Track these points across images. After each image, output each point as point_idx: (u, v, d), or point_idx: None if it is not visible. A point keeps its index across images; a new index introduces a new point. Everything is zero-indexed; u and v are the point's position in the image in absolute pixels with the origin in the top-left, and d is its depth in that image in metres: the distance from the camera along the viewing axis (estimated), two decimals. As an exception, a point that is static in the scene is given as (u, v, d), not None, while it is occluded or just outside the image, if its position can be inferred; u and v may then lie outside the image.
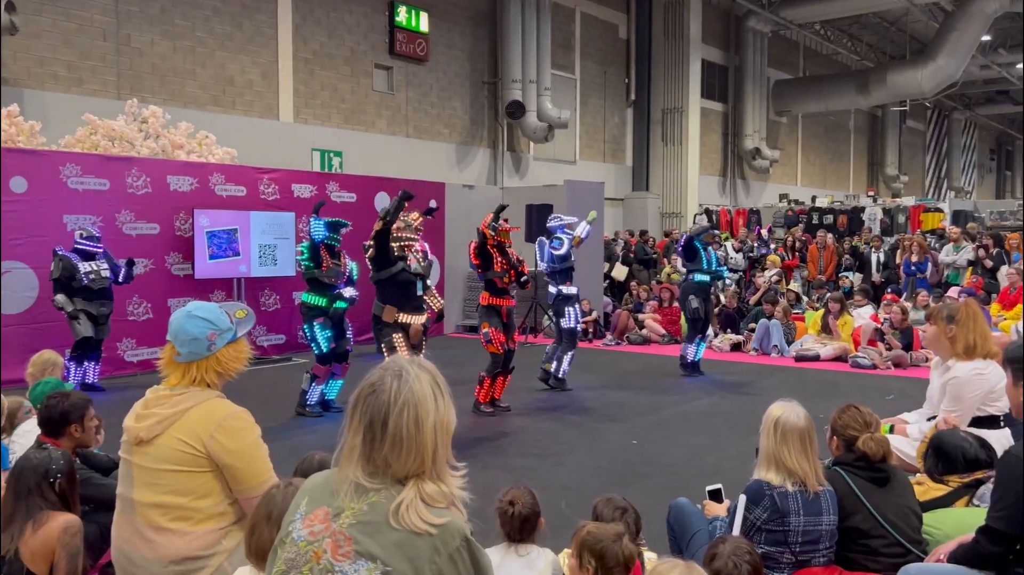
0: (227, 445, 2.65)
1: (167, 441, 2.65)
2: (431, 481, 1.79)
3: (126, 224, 9.65)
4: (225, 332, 2.78)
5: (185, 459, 2.64)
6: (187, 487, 2.64)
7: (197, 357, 2.74)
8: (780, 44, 27.33)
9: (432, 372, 1.87)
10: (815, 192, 25.16)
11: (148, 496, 2.65)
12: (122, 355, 9.62)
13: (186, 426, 2.66)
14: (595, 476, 5.81)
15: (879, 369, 10.21)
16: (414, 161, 16.28)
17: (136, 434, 2.69)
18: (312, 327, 7.47)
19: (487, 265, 7.87)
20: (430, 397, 1.81)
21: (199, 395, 2.72)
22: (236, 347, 2.84)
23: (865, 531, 3.18)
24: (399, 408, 1.77)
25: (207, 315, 2.78)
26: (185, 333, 2.72)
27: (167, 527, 2.62)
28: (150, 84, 12.62)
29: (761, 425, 3.24)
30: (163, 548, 2.61)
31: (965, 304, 4.64)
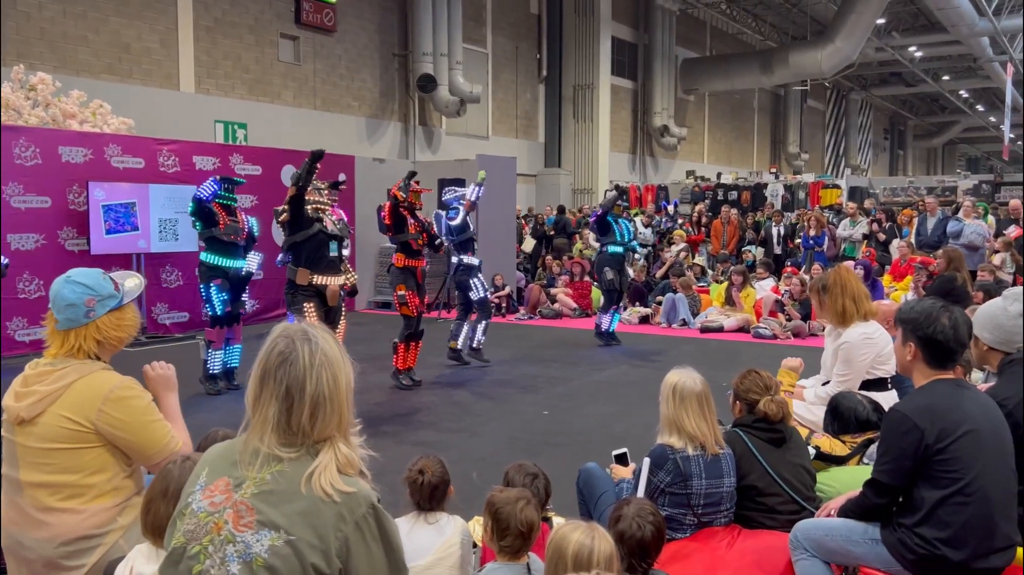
0: (118, 417, 2.54)
1: (50, 419, 2.53)
2: (344, 444, 1.78)
3: (14, 197, 9.15)
4: (107, 299, 2.65)
5: (72, 436, 2.52)
6: (77, 464, 2.53)
7: (74, 324, 2.61)
8: (688, 23, 27.81)
9: (331, 333, 1.88)
10: (720, 169, 25.83)
11: (36, 476, 2.53)
12: (13, 335, 9.16)
13: (70, 401, 2.54)
14: (508, 447, 5.87)
15: (779, 339, 10.60)
16: (322, 134, 15.95)
17: (16, 414, 2.55)
18: (208, 288, 7.28)
19: (400, 227, 7.78)
20: (339, 357, 1.82)
21: (81, 368, 2.60)
22: (119, 314, 2.70)
23: (761, 489, 3.31)
24: (316, 371, 1.77)
25: (86, 280, 2.64)
26: (62, 299, 2.60)
27: (57, 507, 2.51)
28: (38, 50, 11.96)
29: (660, 393, 3.32)
30: (54, 528, 2.50)
31: (834, 272, 4.84)
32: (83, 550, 2.50)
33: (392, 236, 7.90)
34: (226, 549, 1.71)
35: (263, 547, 1.69)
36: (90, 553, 2.50)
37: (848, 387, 4.57)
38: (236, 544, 1.70)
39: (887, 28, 28.01)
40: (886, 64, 33.99)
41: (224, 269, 7.32)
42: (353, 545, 1.73)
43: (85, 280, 2.64)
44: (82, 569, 2.50)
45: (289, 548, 1.68)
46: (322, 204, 6.85)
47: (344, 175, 11.61)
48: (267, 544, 1.69)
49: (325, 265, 6.61)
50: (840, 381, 4.68)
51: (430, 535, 3.06)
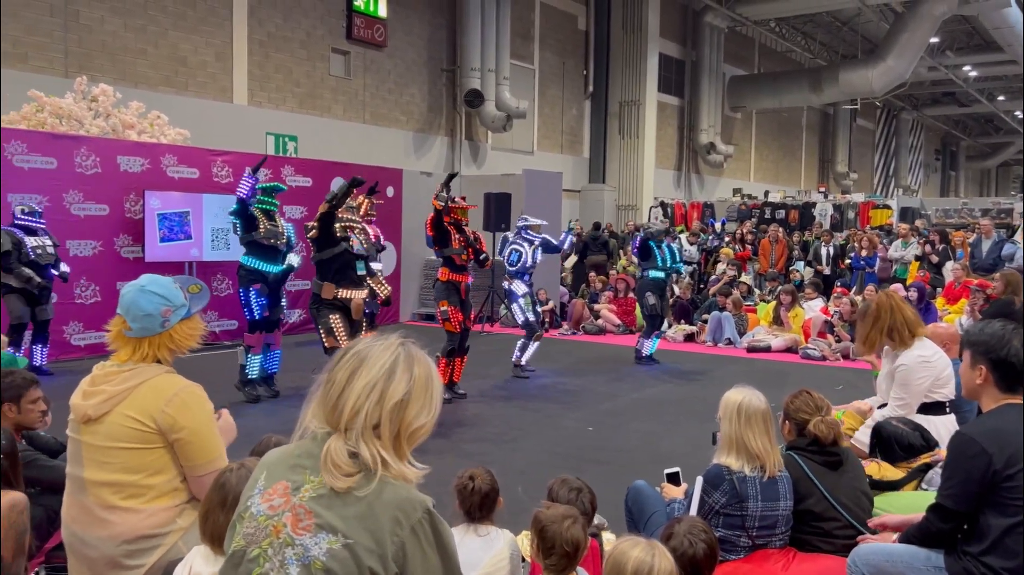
0: (179, 419, 2.58)
1: (117, 418, 2.57)
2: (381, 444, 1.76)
3: (74, 205, 9.39)
4: (179, 308, 2.70)
5: (136, 436, 2.56)
6: (139, 464, 2.57)
7: (149, 333, 2.66)
8: (736, 40, 27.65)
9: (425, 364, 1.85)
10: (768, 187, 25.54)
11: (99, 475, 2.57)
12: (69, 339, 9.37)
13: (136, 402, 2.58)
14: (551, 461, 5.83)
15: (828, 360, 10.41)
16: (370, 147, 16.13)
17: (84, 412, 2.60)
18: (248, 292, 7.37)
19: (444, 241, 7.81)
20: (432, 374, 1.84)
21: (149, 370, 2.65)
22: (190, 323, 2.76)
23: (818, 514, 3.24)
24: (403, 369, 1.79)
25: (161, 290, 2.69)
26: (138, 308, 2.64)
27: (120, 505, 2.55)
28: (99, 62, 12.28)
29: (720, 411, 3.27)
30: (116, 527, 2.53)
31: (880, 297, 4.75)
32: (144, 550, 2.54)
33: (438, 251, 7.95)
34: (285, 552, 1.71)
35: (321, 550, 1.69)
36: (150, 553, 2.53)
37: (905, 411, 4.47)
38: (295, 547, 1.71)
39: (941, 47, 27.54)
40: (939, 83, 33.39)
41: (263, 273, 7.43)
42: (409, 550, 1.72)
43: (160, 290, 2.69)
44: (142, 569, 2.53)
45: (347, 552, 1.68)
46: (352, 223, 6.94)
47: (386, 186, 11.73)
48: (325, 547, 1.69)
49: (350, 280, 6.69)
50: (897, 405, 4.57)
51: (480, 548, 3.05)
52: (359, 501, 1.71)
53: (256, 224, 7.38)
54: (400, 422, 1.79)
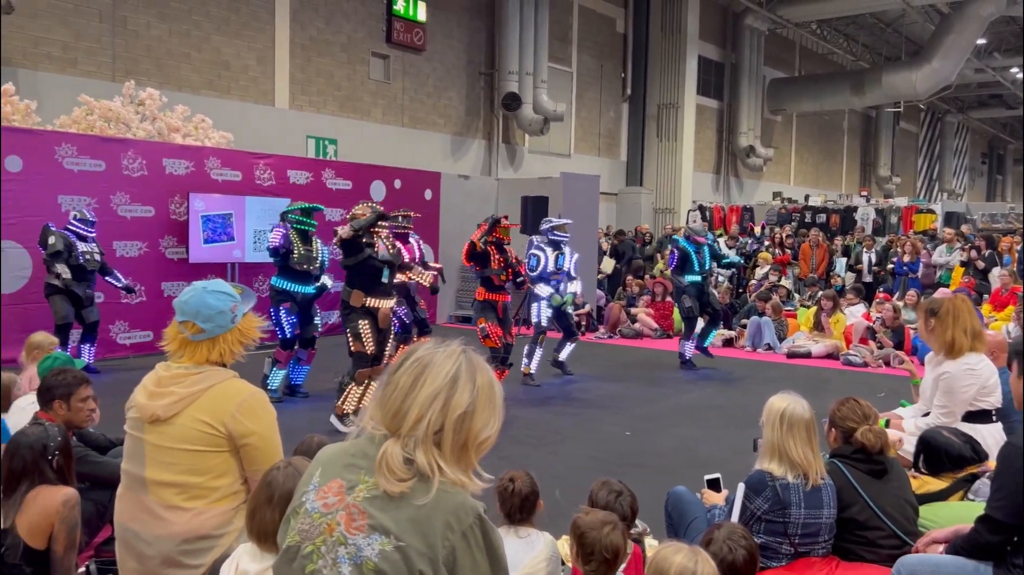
0: (248, 425, 2.64)
1: (186, 421, 2.62)
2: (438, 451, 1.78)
3: (121, 206, 9.59)
4: (241, 304, 2.82)
5: (204, 439, 2.62)
6: (204, 466, 2.62)
7: (224, 330, 2.75)
8: (776, 42, 27.38)
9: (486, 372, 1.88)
10: (808, 191, 25.25)
11: (163, 475, 2.62)
12: (114, 338, 9.57)
13: (206, 405, 2.64)
14: (589, 465, 5.83)
15: (870, 367, 10.26)
16: (409, 150, 16.24)
17: (152, 412, 2.65)
18: (278, 311, 7.50)
19: (483, 262, 7.94)
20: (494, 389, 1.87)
21: (217, 375, 2.71)
22: (250, 318, 2.88)
23: (862, 522, 3.20)
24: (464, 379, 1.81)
25: (223, 288, 2.81)
26: (209, 308, 2.71)
27: (182, 506, 2.60)
28: (145, 67, 12.53)
29: (763, 417, 3.25)
30: (175, 526, 2.59)
31: (950, 299, 4.63)
32: (202, 550, 2.58)
33: (478, 271, 8.06)
34: (338, 550, 1.74)
35: (373, 551, 1.71)
36: (208, 553, 2.58)
37: (949, 419, 4.39)
38: (348, 546, 1.73)
39: (987, 48, 26.99)
40: (986, 86, 32.73)
41: (292, 294, 7.55)
42: (460, 554, 1.74)
43: (223, 288, 2.81)
44: (200, 568, 2.57)
45: (398, 554, 1.70)
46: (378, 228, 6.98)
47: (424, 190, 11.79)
48: (377, 548, 1.71)
49: (378, 289, 6.76)
50: (941, 413, 4.50)
51: (520, 549, 3.06)
52: (412, 505, 1.73)
53: (291, 252, 7.49)
54: (467, 434, 1.80)
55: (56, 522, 2.83)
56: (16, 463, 2.93)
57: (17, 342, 8.41)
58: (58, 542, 2.83)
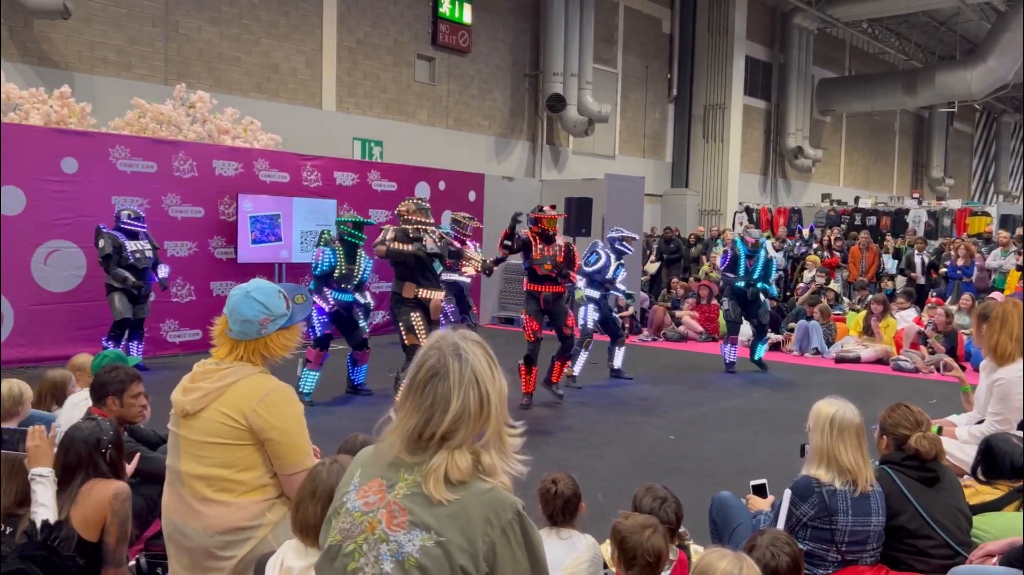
0: (269, 419, 2.66)
1: (211, 414, 2.67)
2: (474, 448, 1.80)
3: (172, 207, 9.79)
4: (278, 318, 2.78)
5: (228, 432, 2.66)
6: (230, 460, 2.66)
7: (246, 337, 2.75)
8: (826, 42, 26.94)
9: (482, 344, 1.89)
10: (858, 193, 24.82)
11: (194, 468, 2.68)
12: (164, 336, 9.77)
13: (230, 400, 2.68)
14: (632, 469, 5.79)
15: (921, 373, 10.03)
16: (453, 152, 16.32)
17: (182, 407, 2.71)
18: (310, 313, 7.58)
19: (525, 251, 7.83)
20: (490, 372, 1.84)
21: (243, 370, 2.74)
22: (287, 333, 2.83)
23: (912, 531, 3.13)
24: (464, 389, 1.79)
25: (264, 299, 2.77)
26: (239, 313, 2.74)
27: (212, 498, 2.65)
28: (196, 70, 12.78)
29: (810, 422, 3.19)
30: (210, 519, 2.63)
31: (1001, 304, 4.52)
32: (235, 542, 2.63)
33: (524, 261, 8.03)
34: (380, 548, 1.75)
35: (415, 547, 1.72)
36: (241, 545, 2.62)
37: (1004, 427, 4.28)
38: (389, 543, 1.75)
39: (1046, 46, 26.22)
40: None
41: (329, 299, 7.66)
42: (500, 550, 1.75)
43: (263, 298, 2.77)
44: (234, 560, 2.62)
45: (439, 549, 1.71)
46: (426, 224, 7.02)
47: (468, 191, 11.78)
48: (418, 544, 1.73)
49: (429, 280, 6.79)
50: (995, 420, 4.39)
51: (561, 550, 3.05)
52: (452, 501, 1.75)
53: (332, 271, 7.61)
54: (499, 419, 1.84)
55: (108, 515, 2.89)
56: (71, 456, 3.00)
57: (70, 340, 8.66)
58: (110, 534, 2.89)
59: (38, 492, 2.88)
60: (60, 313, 8.89)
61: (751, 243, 9.58)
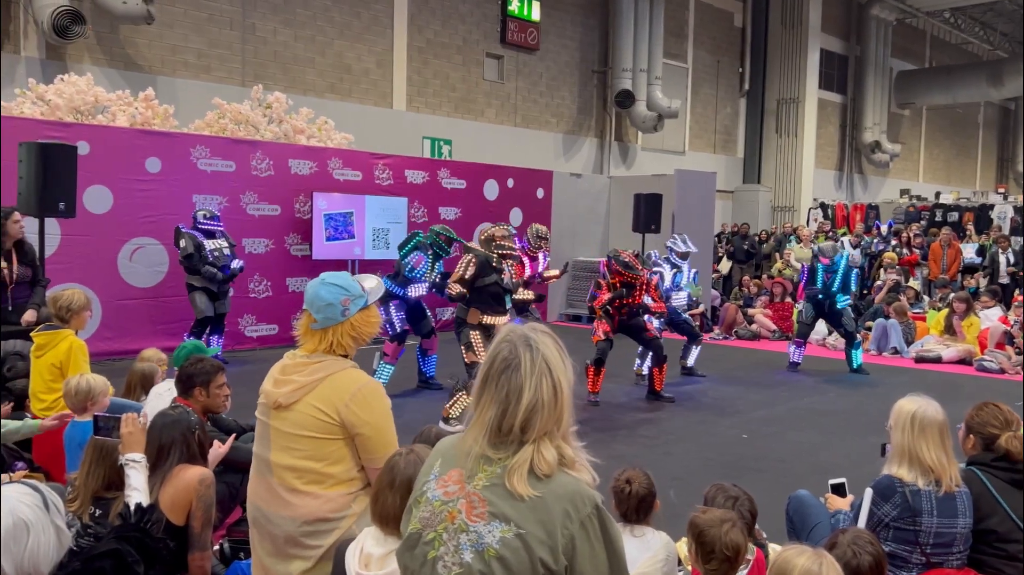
0: (360, 415, 2.72)
1: (304, 408, 2.73)
2: (556, 442, 1.81)
3: (250, 205, 10.05)
4: (357, 298, 2.85)
5: (320, 426, 2.72)
6: (321, 453, 2.72)
7: (332, 322, 2.81)
8: (905, 33, 26.11)
9: (552, 334, 1.89)
10: (938, 188, 23.96)
11: (284, 459, 2.74)
12: (243, 330, 10.04)
13: (322, 394, 2.73)
14: (704, 468, 5.73)
15: (1007, 374, 9.66)
16: (521, 150, 16.35)
17: (275, 399, 2.78)
18: (388, 309, 7.71)
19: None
20: (561, 362, 1.84)
21: (335, 364, 2.80)
22: (368, 313, 2.90)
23: (1002, 534, 3.02)
24: (536, 378, 1.80)
25: (339, 282, 2.85)
26: (320, 299, 2.80)
27: (301, 489, 2.71)
28: (272, 71, 13.10)
29: (891, 420, 3.11)
30: (298, 509, 2.70)
31: None
32: (322, 531, 2.69)
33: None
34: (459, 538, 1.77)
35: (495, 538, 1.74)
36: (328, 535, 2.68)
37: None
38: (469, 534, 1.76)
39: None
40: None
41: (402, 296, 7.77)
42: (579, 543, 1.75)
43: (339, 282, 2.85)
44: (320, 549, 2.68)
45: (519, 541, 1.72)
46: (510, 250, 7.01)
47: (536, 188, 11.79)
48: (498, 535, 1.74)
49: (495, 310, 6.84)
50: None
51: (636, 548, 3.03)
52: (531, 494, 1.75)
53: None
54: (571, 411, 1.85)
55: (194, 499, 2.99)
56: (166, 437, 3.12)
57: (153, 334, 8.98)
58: (196, 519, 2.99)
59: (132, 476, 2.99)
60: (145, 308, 9.22)
61: (825, 263, 9.39)
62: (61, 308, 5.04)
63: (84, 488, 3.13)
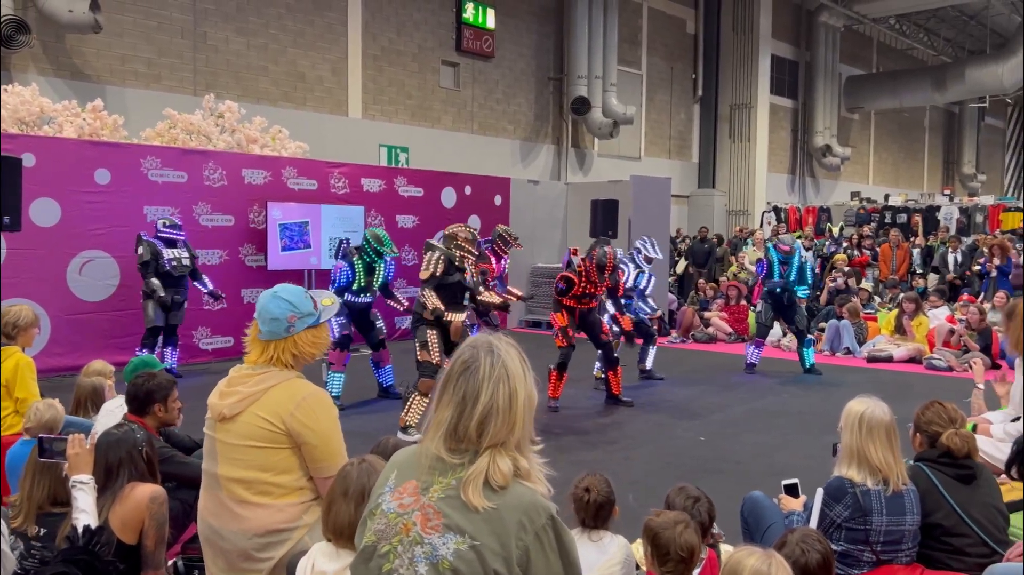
0: (306, 423, 2.70)
1: (249, 418, 2.72)
2: (511, 453, 1.81)
3: (203, 216, 9.92)
4: (306, 316, 2.82)
5: (265, 436, 2.70)
6: (268, 463, 2.70)
7: (275, 337, 2.79)
8: (852, 39, 26.67)
9: (517, 348, 1.90)
10: (888, 190, 24.50)
11: (232, 471, 2.72)
12: (197, 343, 9.89)
13: (267, 404, 2.72)
14: (664, 471, 5.77)
15: (955, 371, 9.90)
16: (478, 157, 16.36)
17: (220, 411, 2.76)
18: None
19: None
20: (521, 371, 1.85)
21: (280, 375, 2.78)
22: (316, 332, 2.87)
23: (948, 528, 3.09)
24: (493, 383, 1.80)
25: (290, 297, 2.82)
26: (268, 312, 2.78)
27: (251, 501, 2.69)
28: (225, 80, 12.94)
29: (842, 421, 3.18)
30: (249, 521, 2.67)
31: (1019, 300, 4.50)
32: (273, 543, 2.67)
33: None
34: (414, 550, 1.77)
35: (449, 550, 1.74)
36: (279, 547, 2.66)
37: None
38: (424, 546, 1.76)
39: (1080, 38, 25.73)
40: (1078, 77, 31.21)
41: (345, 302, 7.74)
42: (533, 555, 1.75)
43: (290, 297, 2.82)
44: (271, 562, 2.66)
45: (473, 553, 1.72)
46: (470, 254, 7.02)
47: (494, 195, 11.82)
48: (453, 547, 1.74)
49: (454, 305, 6.83)
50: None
51: (593, 553, 3.05)
52: (488, 508, 1.76)
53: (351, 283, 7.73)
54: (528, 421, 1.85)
55: (146, 518, 2.95)
56: (112, 457, 3.06)
57: (105, 348, 8.80)
58: (148, 537, 2.95)
59: (79, 498, 2.93)
60: (96, 322, 9.03)
61: (785, 251, 9.52)
62: (7, 325, 4.92)
63: (28, 502, 3.06)
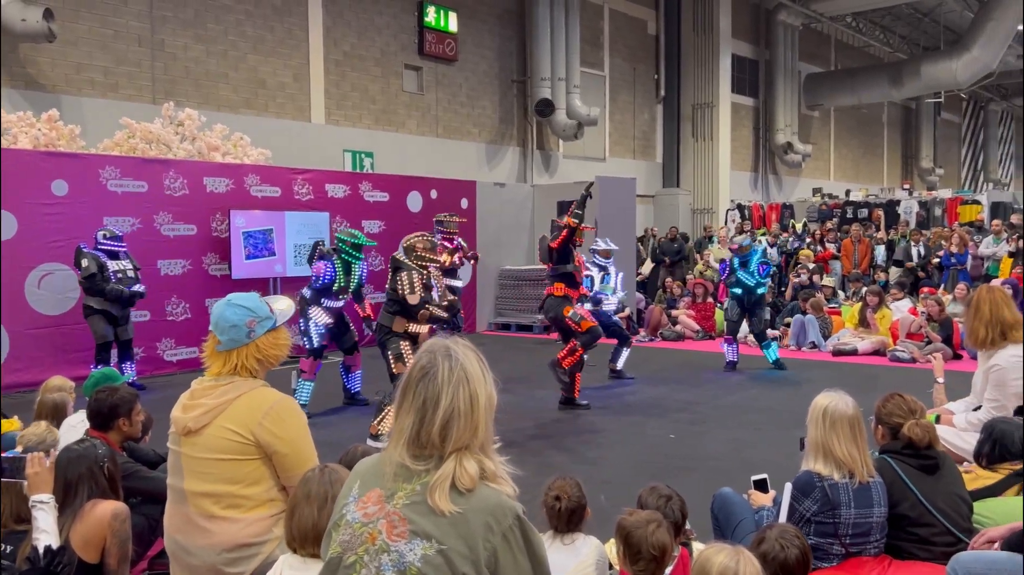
0: (276, 432, 2.67)
1: (215, 431, 2.67)
2: (476, 456, 1.80)
3: (164, 225, 9.78)
4: (264, 320, 2.80)
5: (234, 447, 2.65)
6: (236, 475, 2.66)
7: (237, 344, 2.76)
8: (811, 37, 27.04)
9: (475, 350, 1.90)
10: (849, 186, 24.86)
11: (199, 485, 2.67)
12: (161, 355, 9.75)
13: (234, 415, 2.67)
14: (635, 470, 5.79)
15: (918, 362, 10.06)
16: (444, 160, 16.32)
17: (184, 424, 2.71)
18: (308, 321, 7.60)
19: (566, 258, 7.85)
20: (480, 374, 1.84)
21: (245, 384, 2.74)
22: (276, 335, 2.85)
23: (914, 519, 3.13)
24: (453, 387, 1.79)
25: (246, 303, 2.80)
26: (225, 320, 2.75)
27: (220, 515, 2.64)
28: (184, 88, 12.77)
29: (808, 416, 3.21)
30: (217, 536, 2.63)
31: (977, 291, 4.60)
32: (243, 558, 2.62)
33: (553, 267, 7.93)
34: (381, 558, 1.75)
35: (416, 556, 1.73)
36: (250, 561, 2.62)
37: (1000, 414, 4.30)
38: (390, 554, 1.75)
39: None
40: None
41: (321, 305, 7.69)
42: (501, 556, 1.75)
43: (245, 303, 2.80)
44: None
45: (441, 557, 1.71)
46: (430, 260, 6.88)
47: (460, 198, 11.78)
48: (420, 553, 1.73)
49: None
50: (992, 407, 4.41)
51: (565, 556, 3.05)
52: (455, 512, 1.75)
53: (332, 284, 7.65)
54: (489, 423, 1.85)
55: (108, 535, 2.89)
56: (72, 474, 3.00)
57: (65, 362, 8.63)
58: (111, 555, 2.89)
59: (39, 518, 2.86)
60: (55, 336, 8.87)
61: (734, 249, 9.72)
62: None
63: None
